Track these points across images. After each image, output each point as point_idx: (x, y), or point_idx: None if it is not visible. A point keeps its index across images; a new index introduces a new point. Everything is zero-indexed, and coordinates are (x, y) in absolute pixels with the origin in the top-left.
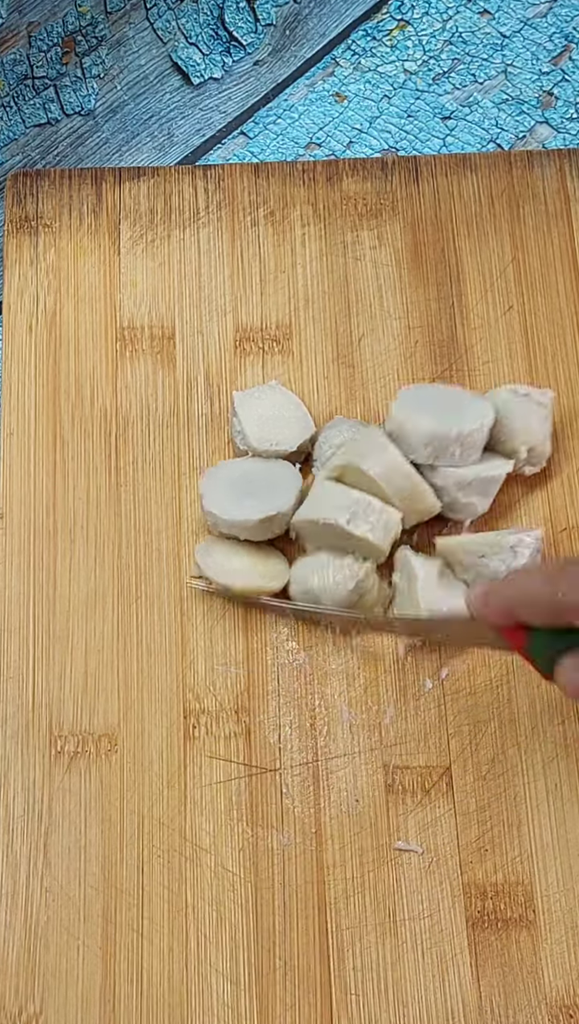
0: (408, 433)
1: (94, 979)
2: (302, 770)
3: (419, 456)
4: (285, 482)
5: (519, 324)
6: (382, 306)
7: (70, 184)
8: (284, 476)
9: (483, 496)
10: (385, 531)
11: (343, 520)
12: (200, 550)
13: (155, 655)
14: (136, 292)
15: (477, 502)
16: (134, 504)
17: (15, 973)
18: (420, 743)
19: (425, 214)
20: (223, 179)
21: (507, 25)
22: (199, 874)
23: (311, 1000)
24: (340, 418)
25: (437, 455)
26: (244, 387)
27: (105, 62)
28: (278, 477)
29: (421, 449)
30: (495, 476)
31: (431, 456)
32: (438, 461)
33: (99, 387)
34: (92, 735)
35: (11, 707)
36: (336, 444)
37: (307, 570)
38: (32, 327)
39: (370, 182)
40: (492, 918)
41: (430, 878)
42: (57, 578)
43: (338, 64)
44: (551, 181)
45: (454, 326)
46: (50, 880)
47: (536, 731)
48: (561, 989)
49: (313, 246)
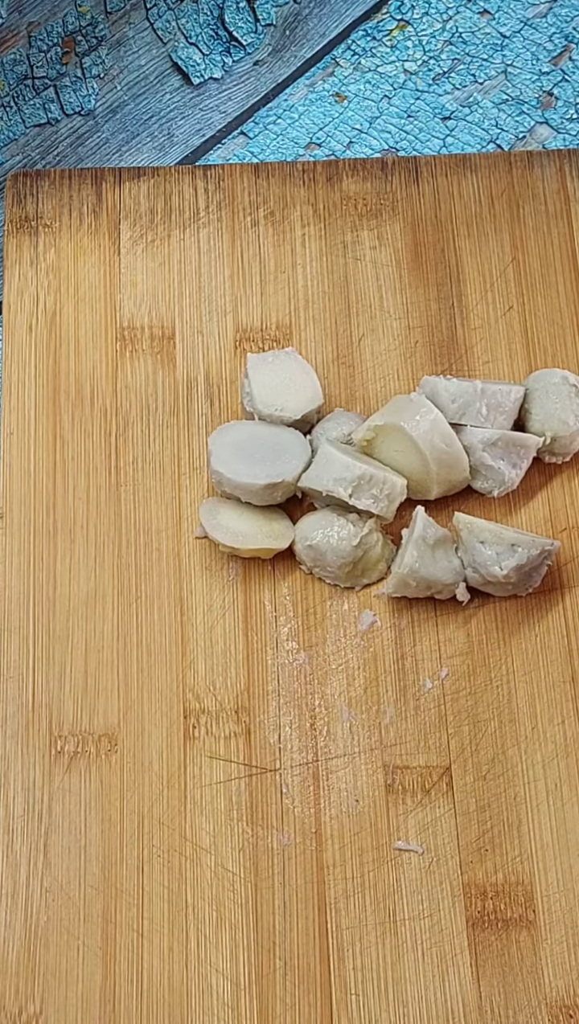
0: (438, 393)
1: (94, 979)
2: (302, 770)
3: (448, 413)
4: (293, 449)
5: (519, 324)
6: (382, 306)
7: (70, 184)
8: (292, 443)
9: (511, 466)
10: (389, 501)
11: (345, 494)
12: (204, 509)
13: (155, 655)
14: (136, 292)
15: (504, 469)
16: (134, 504)
17: (15, 973)
18: (420, 743)
19: (425, 214)
20: (223, 179)
21: (507, 25)
22: (199, 874)
23: (311, 1000)
24: (340, 410)
25: (463, 412)
26: (243, 387)
27: (105, 62)
28: (286, 443)
29: (449, 406)
30: (522, 442)
31: (458, 413)
32: (465, 419)
33: (99, 387)
34: (92, 735)
35: (11, 707)
36: (333, 436)
37: (312, 526)
38: (32, 327)
39: (370, 182)
40: (492, 918)
41: (430, 878)
42: (57, 578)
43: (338, 64)
44: (551, 181)
45: (454, 326)
46: (50, 880)
47: (536, 731)
48: (561, 989)
49: (313, 246)
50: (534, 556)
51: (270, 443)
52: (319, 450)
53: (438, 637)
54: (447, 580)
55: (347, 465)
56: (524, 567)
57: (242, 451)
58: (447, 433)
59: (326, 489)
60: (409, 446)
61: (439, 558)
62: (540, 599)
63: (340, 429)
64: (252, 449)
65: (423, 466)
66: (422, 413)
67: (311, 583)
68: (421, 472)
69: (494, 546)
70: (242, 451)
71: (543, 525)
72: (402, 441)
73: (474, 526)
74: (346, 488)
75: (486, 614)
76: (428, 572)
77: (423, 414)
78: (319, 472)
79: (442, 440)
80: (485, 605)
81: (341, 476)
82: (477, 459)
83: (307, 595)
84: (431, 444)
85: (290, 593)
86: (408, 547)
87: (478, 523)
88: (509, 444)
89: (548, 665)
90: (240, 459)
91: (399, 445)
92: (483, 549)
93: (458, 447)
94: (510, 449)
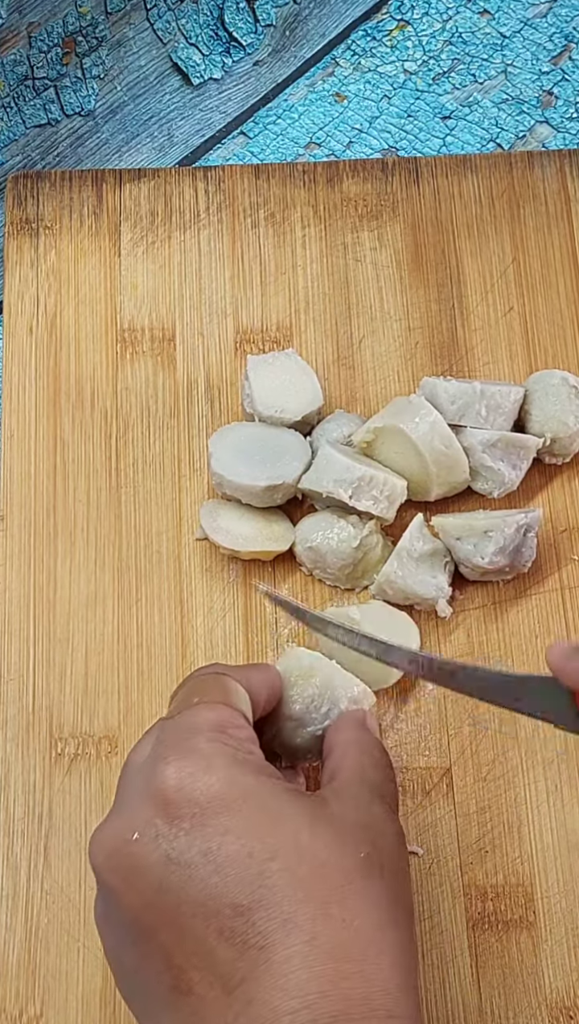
0: (437, 394)
1: (95, 981)
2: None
3: (447, 414)
4: (293, 450)
5: (520, 325)
6: (383, 307)
7: (70, 186)
8: (292, 444)
9: (511, 467)
10: (389, 503)
11: (345, 495)
12: (205, 511)
13: (155, 657)
14: (137, 294)
15: (504, 470)
16: (135, 506)
17: (15, 975)
18: (420, 744)
19: (425, 215)
20: (223, 181)
21: (507, 25)
22: None
23: None
24: (340, 411)
25: (462, 413)
26: (244, 389)
27: (105, 63)
28: (286, 445)
29: (448, 407)
30: (522, 443)
31: (458, 414)
32: (464, 420)
33: (99, 389)
34: (92, 737)
35: (11, 709)
36: (334, 437)
37: (312, 528)
38: (32, 329)
39: (370, 183)
40: (492, 919)
41: (430, 879)
42: (57, 580)
43: (338, 64)
44: (551, 182)
45: (455, 327)
46: (50, 882)
47: (537, 733)
48: (561, 991)
49: (313, 247)
50: (510, 535)
51: (270, 445)
52: (319, 452)
53: (438, 638)
54: (426, 595)
55: (347, 467)
56: (506, 548)
57: (242, 453)
58: (446, 435)
59: (326, 491)
60: (409, 448)
61: (422, 571)
62: (541, 599)
63: (340, 430)
64: (252, 451)
65: (423, 468)
66: (422, 415)
67: (312, 584)
68: (421, 474)
69: (469, 539)
70: (242, 453)
71: (543, 526)
72: (402, 443)
73: (446, 525)
74: (346, 489)
75: (486, 614)
76: (405, 584)
77: (422, 416)
78: (319, 474)
79: (441, 442)
80: (486, 605)
81: (341, 477)
82: (477, 460)
83: (307, 597)
84: (430, 446)
85: (290, 595)
86: (392, 556)
87: (448, 521)
88: (509, 445)
89: None
90: (241, 461)
91: (399, 447)
92: (462, 545)
93: (458, 448)
94: (510, 450)
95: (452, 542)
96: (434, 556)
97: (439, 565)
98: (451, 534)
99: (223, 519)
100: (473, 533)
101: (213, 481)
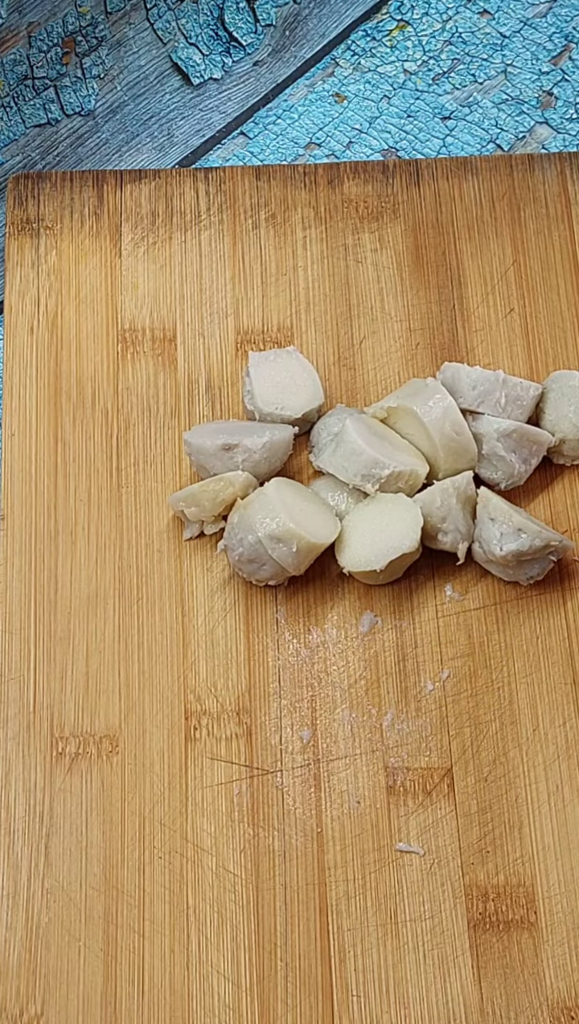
0: (460, 378)
1: (95, 980)
2: (303, 771)
3: (466, 399)
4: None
5: (520, 327)
6: (383, 309)
7: (71, 186)
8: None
9: (522, 460)
10: (410, 490)
11: (371, 490)
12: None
13: (156, 656)
14: (137, 294)
15: (515, 462)
16: (135, 506)
17: (16, 975)
18: (421, 745)
19: (426, 217)
20: (224, 182)
21: (507, 25)
22: (200, 875)
23: (312, 1001)
24: (341, 406)
25: (482, 400)
26: (245, 385)
27: (105, 62)
28: (258, 427)
29: (468, 392)
30: (535, 437)
31: (477, 400)
32: (483, 407)
33: (100, 389)
34: (93, 736)
35: (12, 708)
36: (334, 432)
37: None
38: (33, 329)
39: (371, 185)
40: (494, 920)
41: (431, 880)
42: (58, 579)
43: (338, 64)
44: (552, 184)
45: (455, 329)
46: (51, 882)
47: (537, 733)
48: (563, 991)
49: (314, 249)
50: (536, 547)
51: (244, 428)
52: (344, 437)
53: (439, 638)
54: (461, 527)
55: (375, 461)
56: (524, 554)
57: (215, 432)
58: (458, 422)
59: (353, 483)
60: (420, 430)
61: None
62: (541, 600)
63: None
64: (225, 434)
65: (432, 451)
66: (436, 399)
67: (312, 584)
68: (429, 456)
69: (501, 525)
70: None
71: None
72: (413, 424)
73: (490, 501)
74: (374, 484)
75: (487, 615)
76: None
77: (437, 400)
78: (345, 462)
79: (453, 428)
80: (486, 606)
81: (369, 472)
82: (490, 448)
83: (308, 596)
84: (441, 431)
85: (291, 595)
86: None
87: (495, 500)
88: (523, 437)
89: (549, 667)
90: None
91: (410, 428)
92: (490, 526)
93: (468, 436)
94: (523, 443)
95: (485, 518)
96: (467, 507)
97: (469, 517)
98: (489, 511)
99: None
100: (509, 523)
101: (187, 453)
